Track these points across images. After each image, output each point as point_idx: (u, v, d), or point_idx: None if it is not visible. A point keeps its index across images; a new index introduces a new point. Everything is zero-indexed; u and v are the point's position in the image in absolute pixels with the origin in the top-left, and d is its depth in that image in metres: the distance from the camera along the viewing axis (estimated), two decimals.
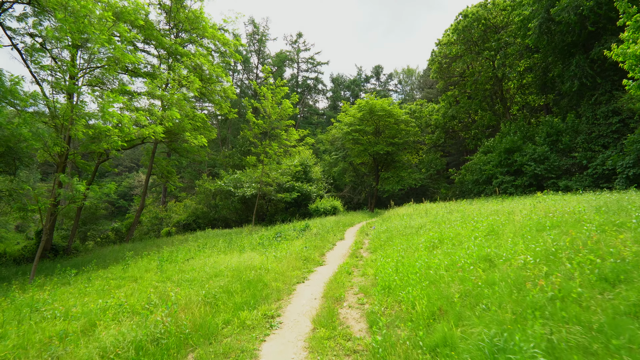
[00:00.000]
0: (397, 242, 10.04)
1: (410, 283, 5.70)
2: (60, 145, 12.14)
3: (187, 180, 47.73)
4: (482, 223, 9.27)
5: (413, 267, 6.48)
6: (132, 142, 20.50)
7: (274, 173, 25.47)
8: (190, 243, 16.11)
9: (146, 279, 9.22)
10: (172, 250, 13.45)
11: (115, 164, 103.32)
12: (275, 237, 14.40)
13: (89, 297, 7.16)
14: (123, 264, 11.95)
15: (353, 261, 9.72)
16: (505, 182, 23.12)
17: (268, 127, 23.52)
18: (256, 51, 50.20)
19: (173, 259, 11.40)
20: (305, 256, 10.43)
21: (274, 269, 8.66)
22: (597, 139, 20.40)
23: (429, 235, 9.17)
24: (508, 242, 6.70)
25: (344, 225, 19.81)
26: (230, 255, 11.56)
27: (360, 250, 11.45)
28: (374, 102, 32.17)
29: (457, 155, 43.30)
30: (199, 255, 11.89)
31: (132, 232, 23.92)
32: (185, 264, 10.62)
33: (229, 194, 27.31)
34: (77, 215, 20.32)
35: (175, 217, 30.15)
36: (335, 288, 6.75)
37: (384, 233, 12.06)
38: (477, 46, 27.70)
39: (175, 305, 5.45)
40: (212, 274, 8.20)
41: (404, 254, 7.97)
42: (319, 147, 46.76)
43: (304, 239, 13.47)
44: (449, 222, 10.98)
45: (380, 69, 70.24)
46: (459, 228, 9.44)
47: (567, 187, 20.01)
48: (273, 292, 6.93)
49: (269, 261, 9.48)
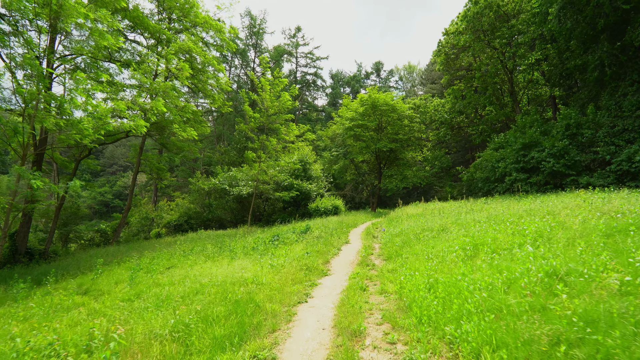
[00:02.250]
0: (417, 248, 8.39)
1: (459, 312, 4.05)
2: (22, 134, 10.42)
3: (181, 178, 45.98)
4: (521, 225, 7.65)
5: (455, 285, 4.83)
6: (116, 137, 18.78)
7: (272, 170, 23.80)
8: (177, 247, 14.42)
9: (113, 295, 7.55)
10: (153, 257, 11.76)
11: (110, 163, 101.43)
12: (272, 240, 12.72)
13: (25, 325, 5.46)
14: (95, 272, 10.25)
15: (364, 271, 8.07)
16: (519, 180, 21.52)
17: (266, 121, 21.85)
18: (253, 45, 48.41)
19: (151, 268, 9.71)
20: (307, 265, 8.77)
21: (270, 282, 7.00)
22: (622, 133, 18.81)
23: (458, 241, 7.53)
24: (577, 251, 5.08)
25: (347, 226, 18.16)
26: (219, 263, 9.90)
27: (370, 256, 9.79)
28: (376, 96, 30.51)
29: (462, 152, 41.72)
30: (182, 263, 10.22)
31: (118, 234, 22.19)
32: (164, 274, 8.95)
33: (223, 192, 25.61)
34: (55, 216, 18.57)
35: (167, 217, 28.42)
36: (350, 313, 5.09)
37: (397, 237, 10.40)
38: (487, 35, 26.06)
39: (123, 347, 3.78)
40: (192, 290, 6.53)
41: (435, 265, 6.31)
42: (318, 145, 45.05)
43: (305, 243, 11.82)
44: (475, 223, 9.35)
45: (380, 65, 68.57)
46: (493, 231, 7.81)
47: (590, 184, 18.42)
48: (267, 318, 5.27)
49: (263, 272, 7.82)
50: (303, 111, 57.97)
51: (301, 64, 55.81)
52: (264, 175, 23.28)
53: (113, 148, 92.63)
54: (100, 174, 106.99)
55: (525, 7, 25.02)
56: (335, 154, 36.27)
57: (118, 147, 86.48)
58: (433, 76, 50.90)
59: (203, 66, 21.52)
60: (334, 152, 36.66)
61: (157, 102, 12.09)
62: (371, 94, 30.76)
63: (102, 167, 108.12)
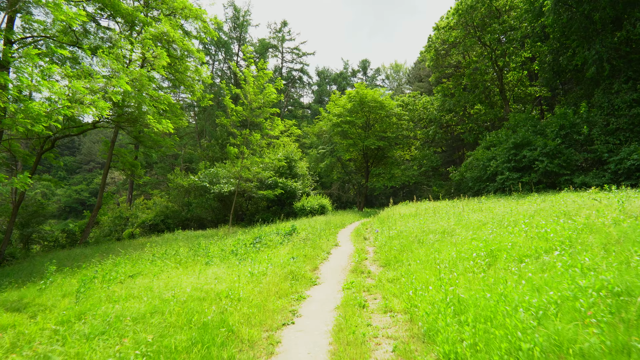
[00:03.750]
0: (419, 253, 7.32)
1: (508, 352, 2.95)
2: None
3: (160, 176, 43.85)
4: (538, 228, 6.69)
5: (487, 306, 3.74)
6: (82, 128, 17.06)
7: (255, 168, 22.45)
8: (147, 250, 12.96)
9: (57, 311, 6.16)
10: (117, 262, 10.30)
11: (87, 160, 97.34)
12: (253, 243, 11.44)
13: None
14: (45, 281, 8.75)
15: (360, 280, 6.96)
16: (511, 179, 20.93)
17: (249, 115, 20.50)
18: (237, 38, 46.64)
19: (111, 276, 8.31)
20: (293, 272, 7.59)
21: (248, 297, 5.79)
22: (616, 132, 18.41)
23: (470, 245, 6.50)
24: (630, 262, 4.09)
25: (335, 226, 17.05)
26: (192, 269, 8.59)
27: (364, 262, 8.69)
28: (365, 92, 29.55)
29: (449, 152, 41.30)
30: (148, 270, 8.85)
31: (86, 235, 20.38)
32: (124, 284, 7.59)
33: (204, 190, 24.05)
34: (12, 214, 16.70)
35: (143, 216, 26.62)
36: (351, 343, 3.93)
37: (395, 239, 9.32)
38: (478, 31, 25.44)
39: None
40: (149, 308, 5.25)
41: (448, 275, 5.22)
42: (304, 142, 43.78)
43: (291, 246, 10.62)
44: (482, 225, 8.38)
45: (367, 63, 67.81)
46: (508, 234, 6.83)
47: (585, 183, 17.93)
48: (243, 349, 4.07)
49: (241, 282, 6.58)
50: (289, 108, 56.56)
51: (287, 59, 54.40)
52: (247, 172, 21.92)
53: (90, 144, 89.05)
54: (77, 171, 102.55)
55: (517, 3, 24.53)
56: (322, 151, 35.12)
57: (96, 143, 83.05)
58: (420, 74, 50.45)
59: (182, 55, 19.96)
60: (321, 149, 35.50)
61: (119, 80, 10.59)
62: (359, 90, 29.78)
63: (79, 164, 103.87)
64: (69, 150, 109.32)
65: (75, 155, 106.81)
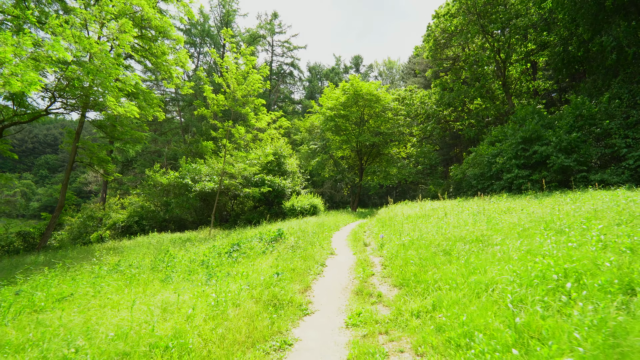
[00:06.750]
0: (451, 270, 5.30)
1: None
2: None
3: (141, 174, 41.17)
4: (604, 235, 4.77)
5: None
6: (32, 114, 14.61)
7: (240, 164, 20.26)
8: (103, 259, 10.71)
9: None
10: (52, 275, 8.06)
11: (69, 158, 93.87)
12: (230, 251, 9.30)
13: None
14: None
15: (368, 308, 4.93)
16: (520, 177, 19.18)
17: (231, 105, 18.33)
18: (224, 25, 44.18)
19: (32, 299, 6.11)
20: (276, 296, 5.51)
21: (203, 346, 3.70)
22: (637, 125, 16.80)
23: (530, 263, 4.51)
24: None
25: (328, 229, 14.99)
26: (142, 289, 6.45)
27: (371, 279, 6.65)
28: (360, 84, 27.55)
29: (446, 149, 39.64)
30: (85, 291, 6.65)
31: (46, 239, 17.93)
32: (33, 316, 5.41)
33: (185, 188, 21.72)
34: None
35: (116, 217, 24.15)
36: None
37: (409, 248, 7.29)
38: (481, 18, 23.67)
39: None
40: None
41: (538, 321, 3.21)
42: (295, 139, 41.60)
43: (276, 256, 8.52)
44: (525, 231, 6.42)
45: (360, 59, 66.04)
46: (578, 246, 4.88)
47: (603, 180, 16.25)
48: None
49: (197, 318, 4.47)
50: (279, 104, 54.29)
51: (277, 53, 52.10)
52: (231, 168, 19.71)
53: None
54: (59, 169, 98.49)
55: None
56: (314, 147, 32.98)
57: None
58: (415, 70, 48.73)
59: (157, 33, 17.63)
60: (312, 145, 33.36)
61: (54, 43, 8.37)
62: (354, 83, 27.77)
63: (62, 162, 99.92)
64: (51, 148, 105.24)
65: (57, 153, 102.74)
